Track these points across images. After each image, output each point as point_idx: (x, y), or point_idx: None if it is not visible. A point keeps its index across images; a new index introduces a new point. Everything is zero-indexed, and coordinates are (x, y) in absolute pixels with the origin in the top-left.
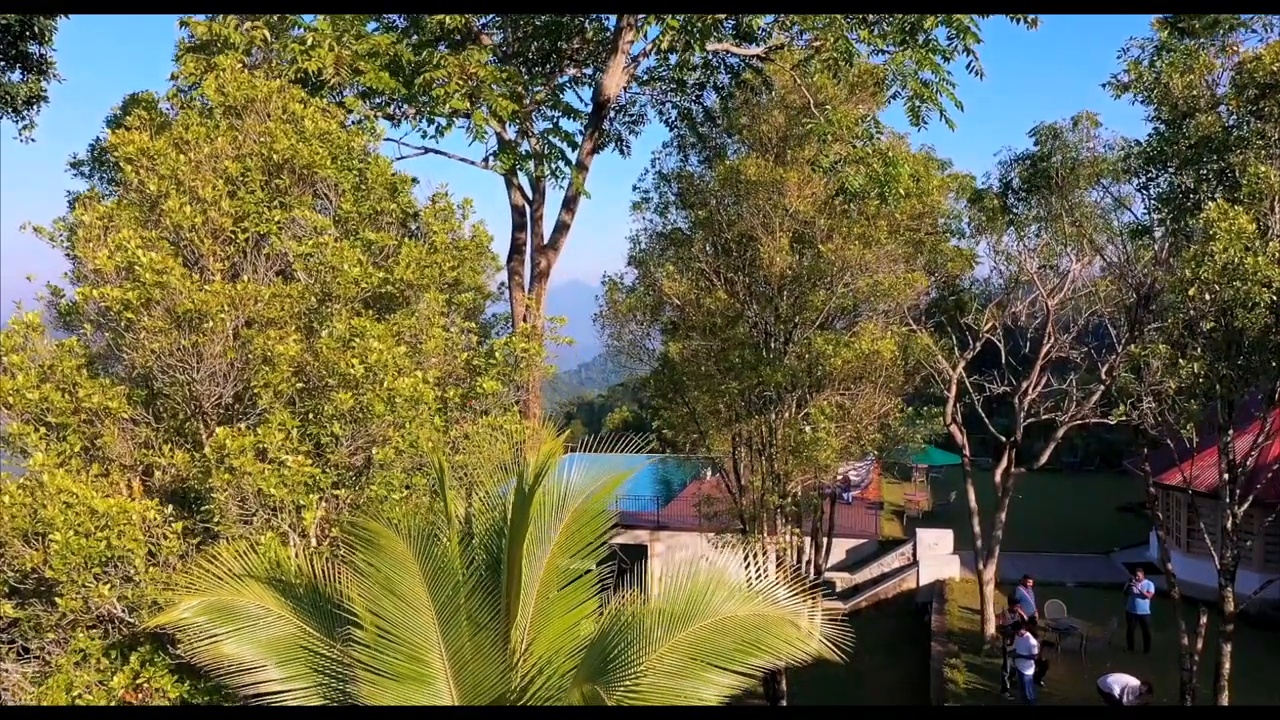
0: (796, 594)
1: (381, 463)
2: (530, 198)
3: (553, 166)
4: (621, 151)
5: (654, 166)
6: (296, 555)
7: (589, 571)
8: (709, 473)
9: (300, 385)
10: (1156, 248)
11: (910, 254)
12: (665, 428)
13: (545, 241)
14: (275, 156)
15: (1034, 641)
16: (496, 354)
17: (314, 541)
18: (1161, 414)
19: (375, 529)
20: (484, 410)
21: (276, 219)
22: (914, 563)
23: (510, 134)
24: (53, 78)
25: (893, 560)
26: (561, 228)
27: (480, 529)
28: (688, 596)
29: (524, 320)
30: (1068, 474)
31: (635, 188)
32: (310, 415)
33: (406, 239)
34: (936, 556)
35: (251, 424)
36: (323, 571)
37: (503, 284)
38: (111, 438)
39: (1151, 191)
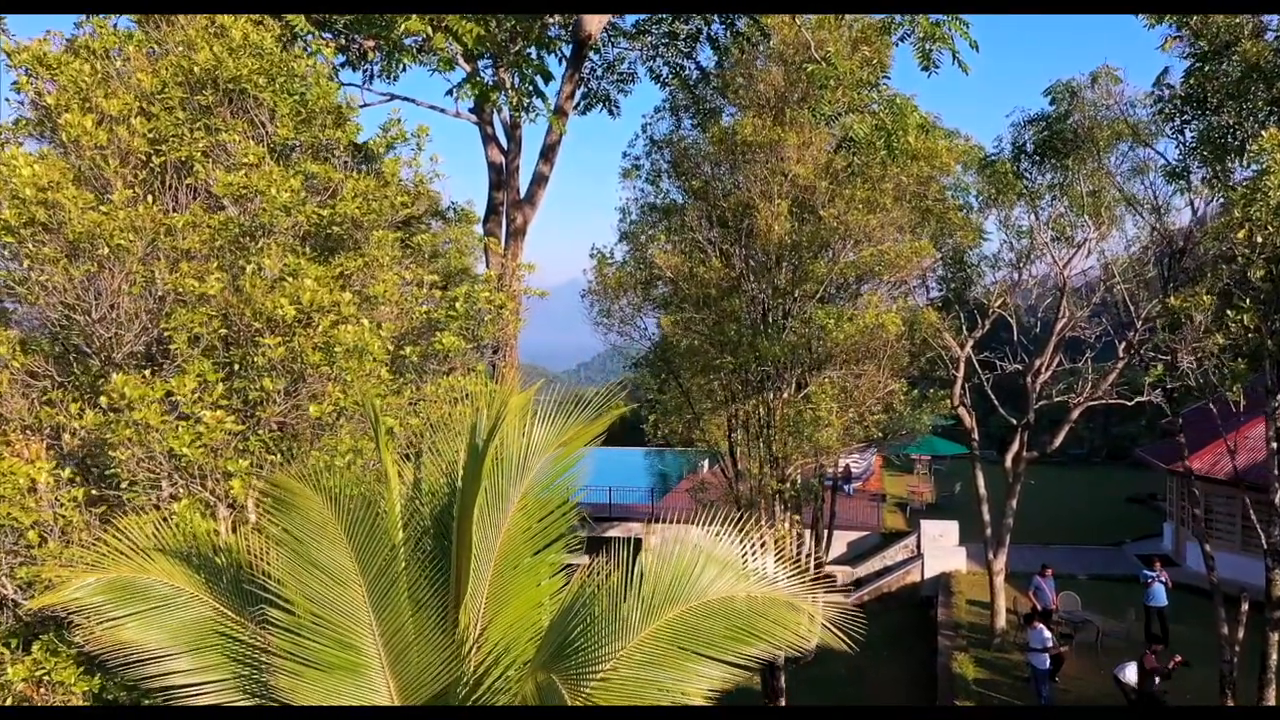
0: (796, 574)
1: (319, 420)
2: (506, 148)
3: (526, 101)
4: (610, 112)
5: (645, 132)
6: (223, 530)
7: (560, 538)
8: (705, 465)
9: (224, 331)
10: (1192, 195)
11: (916, 222)
12: (660, 415)
13: (522, 196)
14: (196, 69)
15: (1048, 634)
16: (457, 305)
17: (252, 516)
18: (1204, 375)
19: (290, 488)
20: (447, 371)
21: (201, 144)
22: (918, 555)
23: (484, 74)
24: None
25: (896, 553)
26: (539, 180)
27: (430, 496)
28: (672, 574)
29: (500, 279)
30: (1074, 465)
31: (625, 154)
32: (237, 367)
33: (355, 174)
34: (942, 548)
35: (167, 376)
36: (250, 547)
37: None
38: (4, 389)
39: (1187, 135)
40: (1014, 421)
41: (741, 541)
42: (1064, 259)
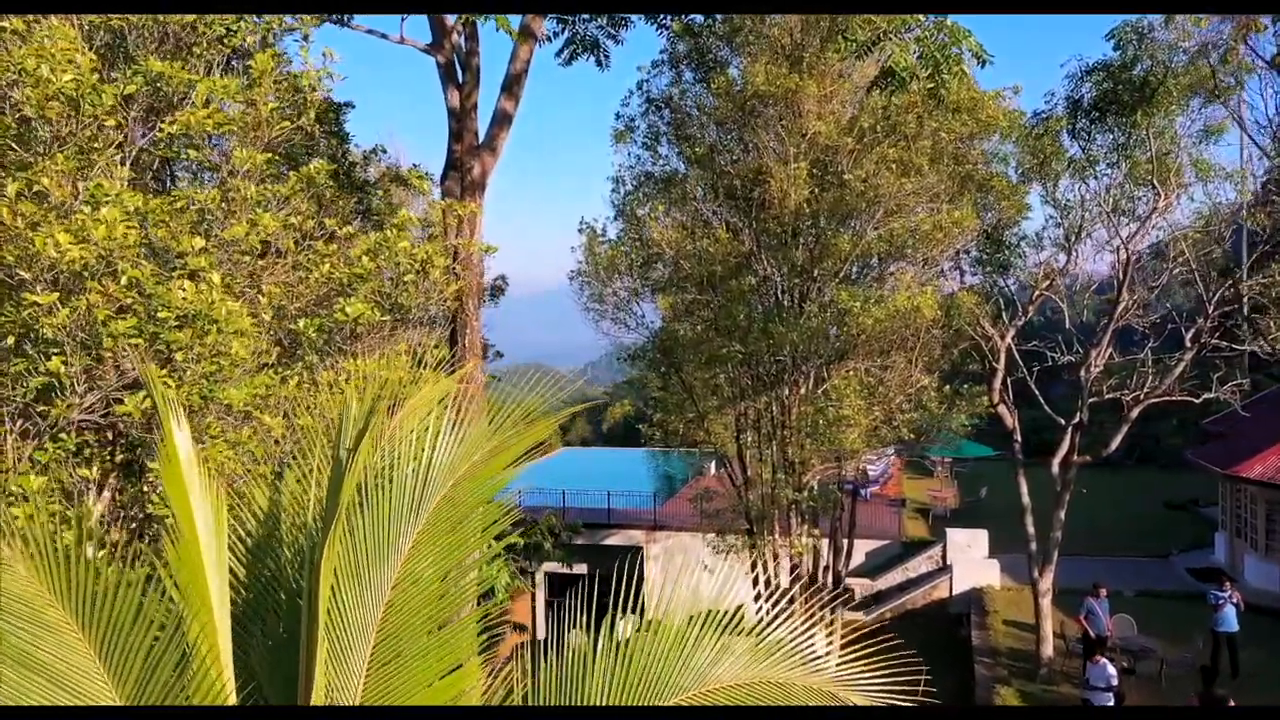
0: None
1: (129, 420)
2: (461, 81)
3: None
4: (599, 63)
5: (641, 89)
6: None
7: (487, 596)
8: (712, 467)
9: None
10: None
11: (955, 190)
12: (661, 414)
13: (480, 141)
14: None
15: (1112, 670)
16: (364, 260)
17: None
18: None
19: None
20: (377, 350)
21: None
22: (945, 567)
23: None
24: None
25: (920, 564)
26: (501, 120)
27: (296, 538)
28: (658, 647)
29: (459, 242)
30: (1103, 468)
31: (618, 115)
32: (13, 341)
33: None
34: (971, 560)
35: None
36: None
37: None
38: None
39: None
40: (1061, 421)
41: (755, 588)
42: (1127, 234)
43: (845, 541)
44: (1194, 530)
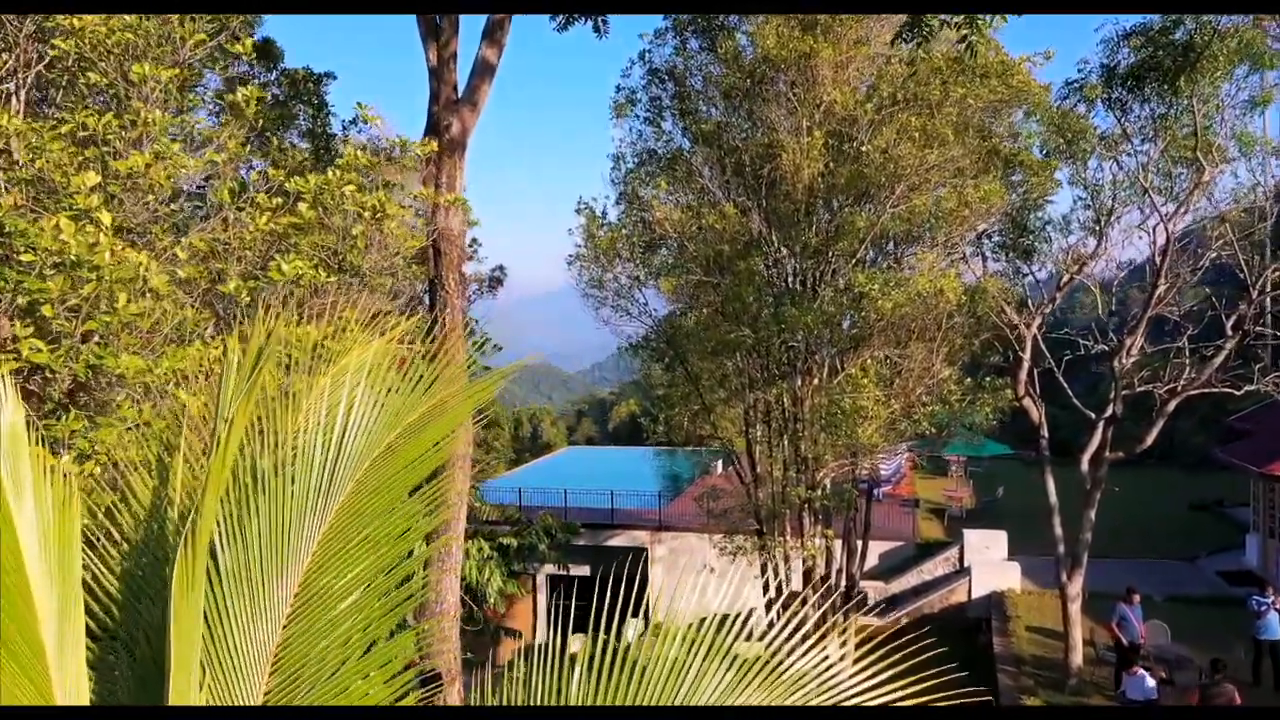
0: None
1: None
2: (439, 26)
3: None
4: (597, 29)
5: (643, 59)
6: None
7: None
8: (719, 465)
9: None
10: None
11: (980, 167)
12: (665, 409)
13: (458, 95)
14: None
15: (1151, 682)
16: (303, 208)
17: None
18: None
19: None
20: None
21: None
22: (962, 570)
23: None
24: None
25: (936, 566)
26: (482, 71)
27: (176, 535)
28: (650, 668)
29: (424, 192)
30: (1123, 466)
31: (619, 87)
32: None
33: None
34: (990, 563)
35: None
36: None
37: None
38: None
39: None
40: (1091, 415)
41: (766, 596)
42: (1166, 212)
43: (859, 543)
44: (1221, 531)
